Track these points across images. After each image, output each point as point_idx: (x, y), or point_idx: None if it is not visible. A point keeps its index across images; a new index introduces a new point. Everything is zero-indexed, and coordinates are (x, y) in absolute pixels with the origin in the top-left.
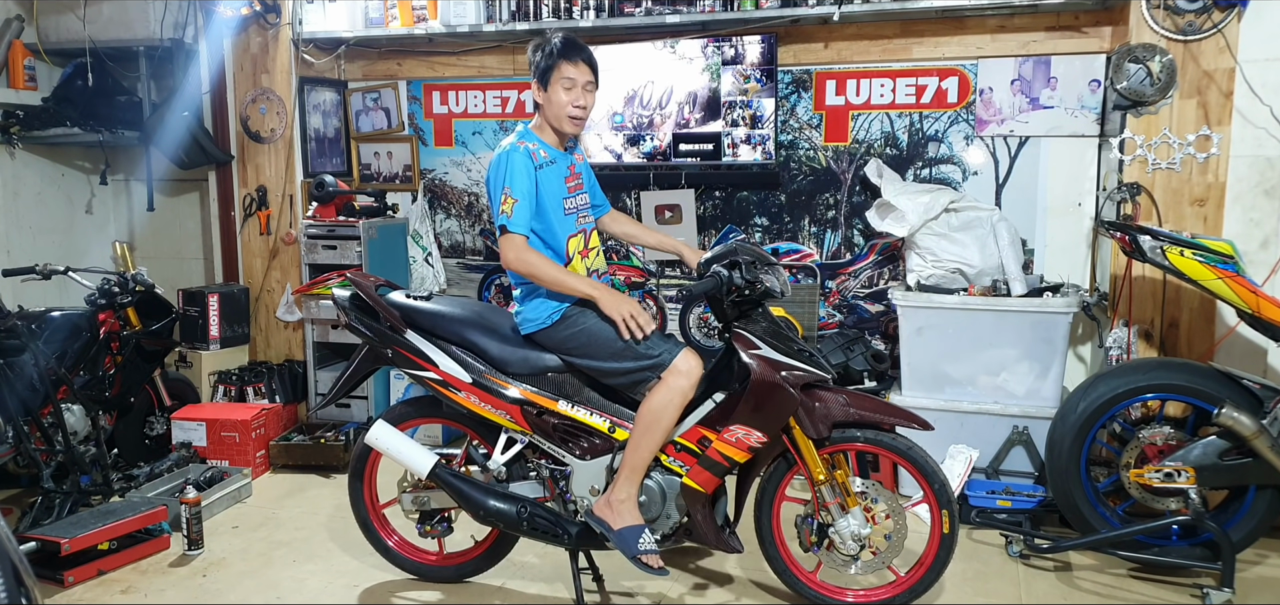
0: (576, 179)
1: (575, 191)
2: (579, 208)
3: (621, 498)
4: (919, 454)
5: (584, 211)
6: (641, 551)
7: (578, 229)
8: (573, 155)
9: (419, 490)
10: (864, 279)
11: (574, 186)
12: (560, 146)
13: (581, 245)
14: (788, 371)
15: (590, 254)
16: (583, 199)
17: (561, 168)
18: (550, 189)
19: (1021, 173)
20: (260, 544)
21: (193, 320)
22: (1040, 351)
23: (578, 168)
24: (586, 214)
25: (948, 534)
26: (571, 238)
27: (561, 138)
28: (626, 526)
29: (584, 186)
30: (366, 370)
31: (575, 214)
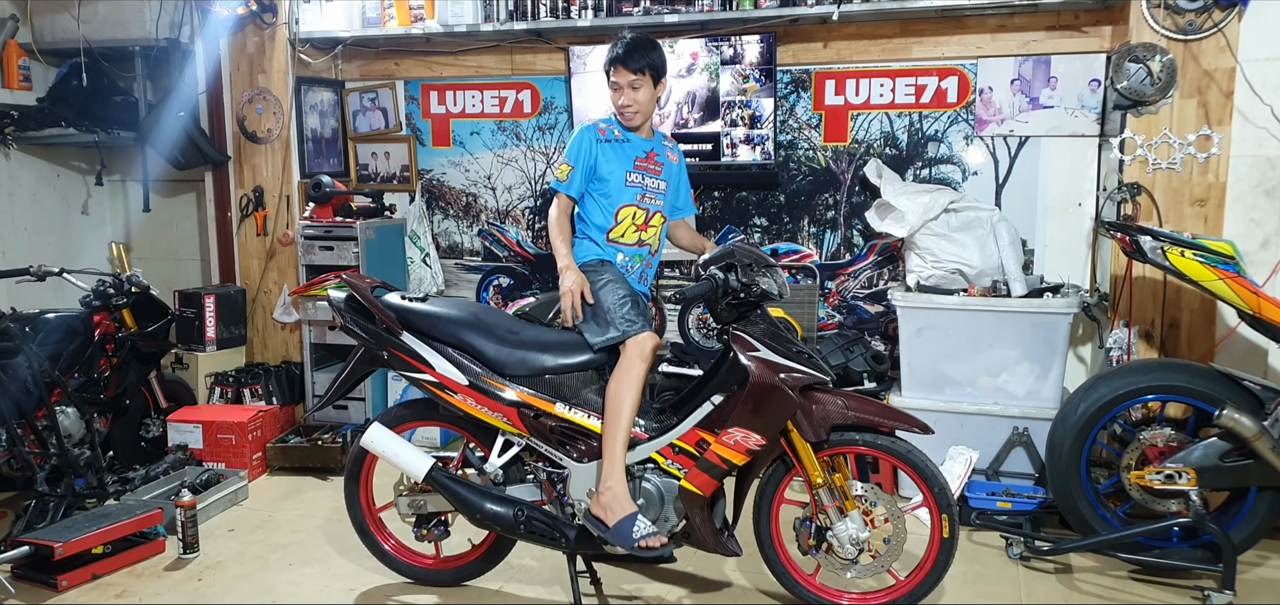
0: (654, 164)
1: (646, 172)
2: (647, 187)
3: (609, 486)
4: (918, 457)
5: (654, 194)
6: (639, 539)
7: (637, 203)
8: (661, 145)
9: (415, 494)
10: (863, 280)
11: (646, 168)
12: (640, 134)
13: (640, 220)
14: (786, 374)
15: (648, 231)
16: (655, 183)
17: (636, 148)
18: (614, 161)
19: (1021, 173)
20: (257, 547)
21: (189, 322)
22: (1040, 352)
23: (660, 157)
24: (657, 197)
25: (948, 538)
26: (625, 207)
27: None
28: (620, 519)
29: (663, 176)
30: (362, 373)
31: (639, 190)
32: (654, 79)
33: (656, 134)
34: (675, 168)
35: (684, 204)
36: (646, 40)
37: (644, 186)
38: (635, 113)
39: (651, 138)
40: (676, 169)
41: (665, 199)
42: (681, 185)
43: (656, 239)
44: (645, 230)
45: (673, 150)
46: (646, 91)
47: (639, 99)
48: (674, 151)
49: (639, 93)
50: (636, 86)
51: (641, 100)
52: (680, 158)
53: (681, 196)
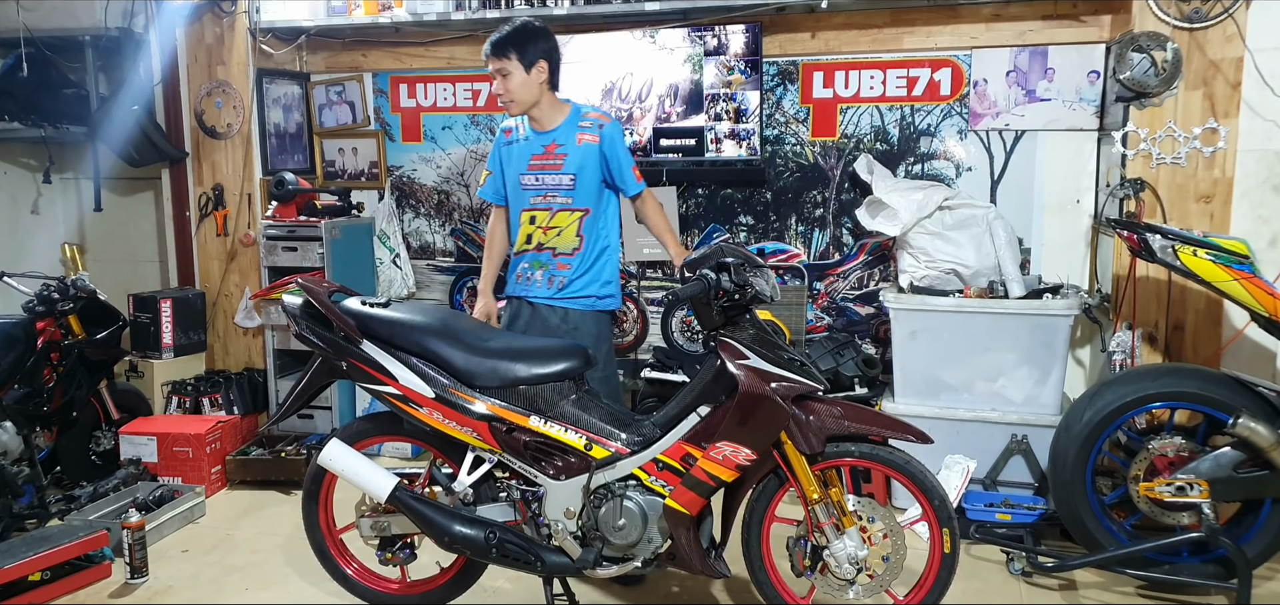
0: (553, 158)
1: (543, 169)
2: (545, 186)
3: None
4: (917, 469)
5: (555, 191)
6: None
7: (534, 205)
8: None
9: (378, 515)
10: (853, 280)
11: (543, 164)
12: (545, 127)
13: (542, 221)
14: (778, 383)
15: (550, 232)
16: (556, 178)
17: (532, 145)
18: (514, 163)
19: (1017, 168)
20: (211, 569)
21: (144, 327)
22: (1040, 356)
23: (565, 146)
24: (560, 193)
25: (949, 554)
26: (524, 211)
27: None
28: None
29: (567, 167)
30: (320, 384)
31: (534, 191)
32: (526, 65)
33: (571, 117)
34: (593, 149)
35: (623, 183)
36: (524, 26)
37: (541, 186)
38: (510, 102)
39: (558, 126)
40: (596, 150)
41: (577, 193)
42: (614, 162)
43: (572, 237)
44: (548, 231)
45: (591, 129)
46: (518, 78)
47: (510, 87)
48: (593, 131)
49: (510, 81)
50: (506, 73)
51: (513, 88)
52: (605, 134)
53: (617, 174)
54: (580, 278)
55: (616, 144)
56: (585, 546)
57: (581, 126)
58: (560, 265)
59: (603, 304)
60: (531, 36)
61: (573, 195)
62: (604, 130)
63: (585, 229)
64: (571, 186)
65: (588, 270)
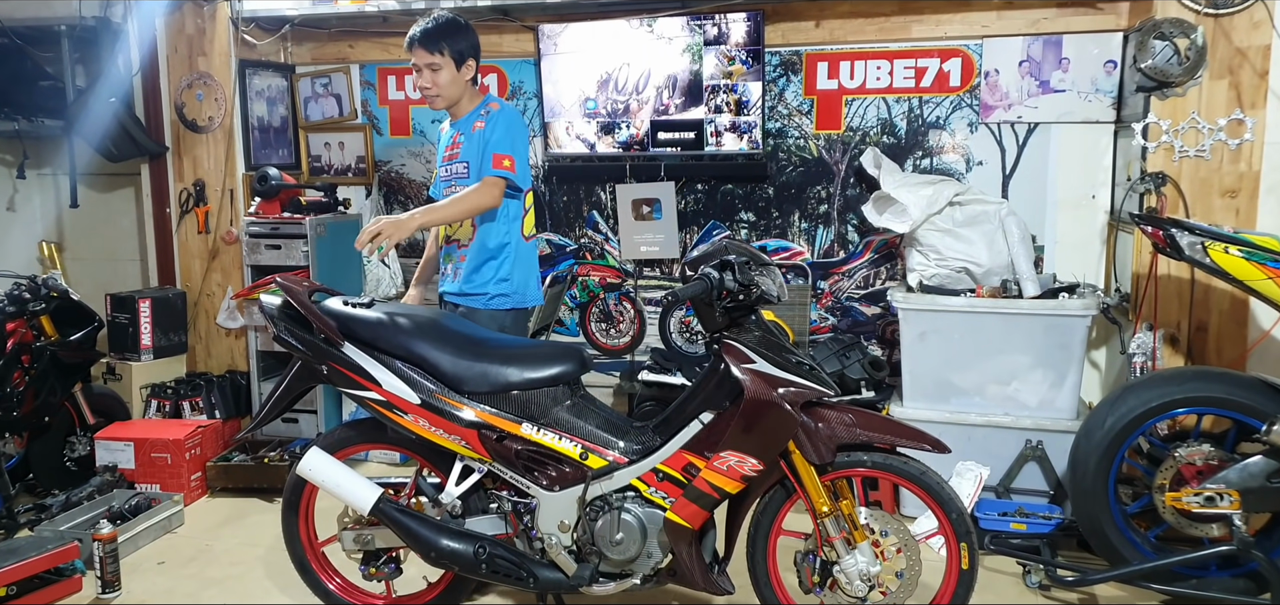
0: (457, 148)
1: (452, 160)
2: (451, 176)
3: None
4: (934, 480)
5: (459, 181)
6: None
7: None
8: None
9: (362, 527)
10: (859, 279)
11: (452, 156)
12: (457, 118)
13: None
14: (786, 388)
15: (455, 223)
16: (458, 168)
17: (445, 139)
18: (438, 157)
19: (1030, 163)
20: (188, 583)
21: (122, 328)
22: (1056, 358)
23: (465, 135)
24: (457, 184)
25: (966, 570)
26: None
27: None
28: None
29: (463, 155)
30: (299, 389)
31: (446, 181)
32: (457, 61)
33: (477, 106)
34: (480, 135)
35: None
36: (452, 21)
37: (449, 176)
38: (436, 97)
39: (465, 116)
40: (482, 135)
41: (470, 182)
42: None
43: (468, 228)
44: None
45: (484, 116)
46: (448, 74)
47: (440, 82)
48: (484, 117)
49: (439, 75)
50: (436, 69)
51: (443, 84)
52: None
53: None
54: (475, 271)
55: (496, 123)
56: (581, 562)
57: (480, 114)
58: (460, 256)
59: (496, 303)
60: (461, 32)
61: (466, 184)
62: (491, 115)
63: (480, 221)
64: (465, 175)
65: (483, 264)
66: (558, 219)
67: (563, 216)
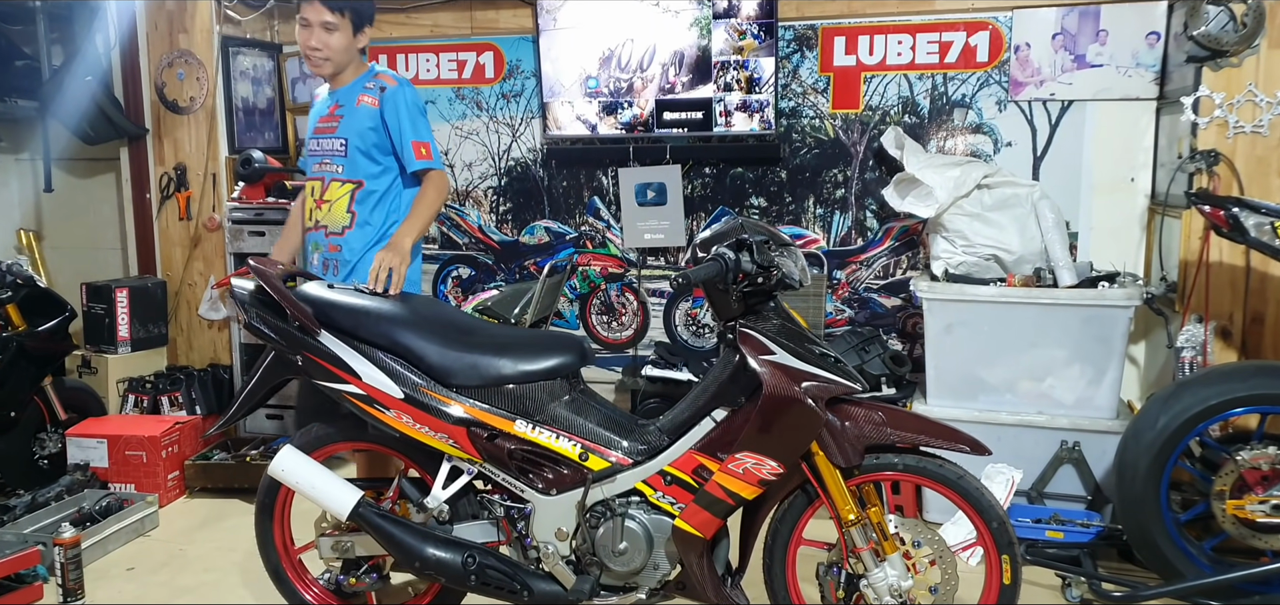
0: (332, 121)
1: (322, 133)
2: (323, 151)
3: None
4: (972, 485)
5: (330, 157)
6: None
7: (313, 174)
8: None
9: (341, 533)
10: (878, 268)
11: (324, 128)
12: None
13: (316, 193)
14: (809, 382)
15: (324, 206)
16: (331, 143)
17: (320, 107)
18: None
19: (1063, 143)
20: (158, 591)
21: (98, 319)
22: (1094, 353)
23: (345, 107)
24: (334, 160)
25: (1008, 585)
26: (309, 181)
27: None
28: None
29: (340, 131)
30: (273, 382)
31: (317, 156)
32: (355, 26)
33: (362, 76)
34: (371, 113)
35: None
36: None
37: (319, 151)
38: (325, 60)
39: (347, 85)
40: (375, 114)
41: (348, 161)
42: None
43: (341, 214)
44: (320, 205)
45: (373, 90)
46: (344, 39)
47: (331, 43)
48: (374, 92)
49: (332, 36)
50: (331, 29)
51: (335, 46)
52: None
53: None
54: (354, 268)
55: (398, 107)
56: (580, 573)
57: (366, 87)
58: (331, 247)
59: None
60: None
61: (344, 162)
62: (387, 92)
63: (357, 204)
64: (342, 154)
65: (360, 259)
66: (557, 205)
67: (562, 203)
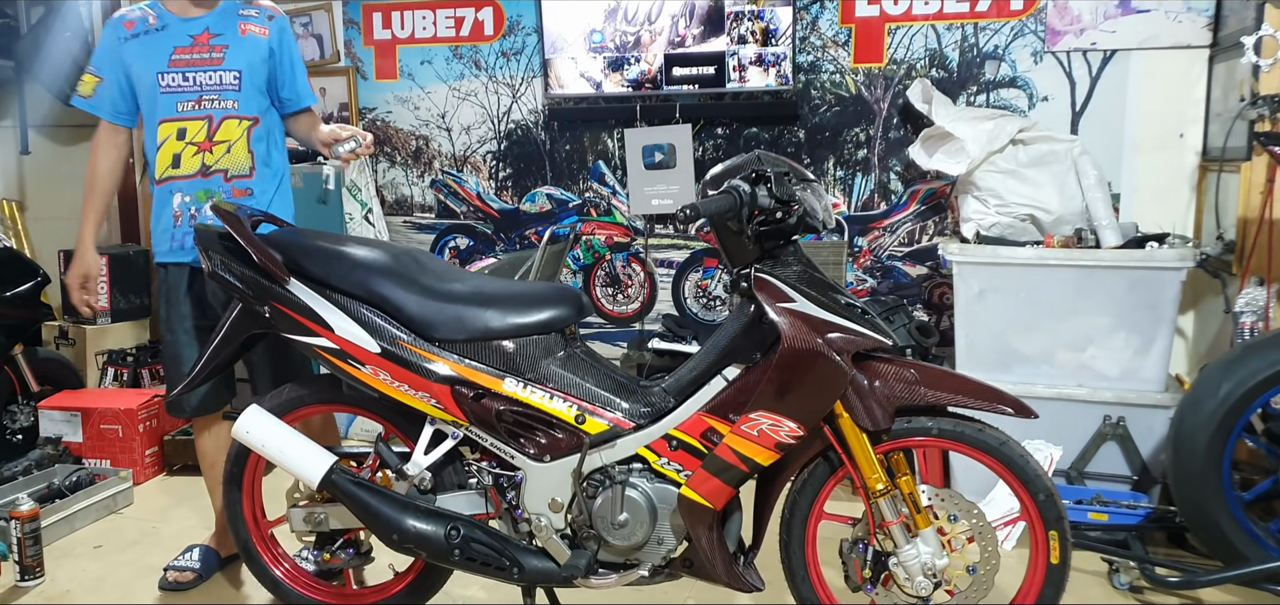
0: (208, 51)
1: (192, 65)
2: (198, 87)
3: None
4: (1016, 452)
5: (214, 94)
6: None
7: (183, 114)
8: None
9: (314, 504)
10: (902, 234)
11: (191, 58)
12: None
13: (198, 136)
14: (835, 334)
15: (217, 149)
16: (212, 76)
17: (175, 36)
18: (145, 60)
19: (1105, 97)
20: (124, 570)
21: None
22: (1141, 320)
23: (225, 36)
24: (222, 96)
25: (1056, 565)
26: (167, 123)
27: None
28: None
29: (227, 63)
30: (238, 339)
31: (183, 92)
32: None
33: (229, 3)
34: (261, 43)
35: (295, 93)
36: None
37: (193, 86)
38: None
39: (211, 12)
40: (265, 45)
41: (243, 95)
42: (285, 65)
43: (243, 154)
44: (215, 147)
45: (258, 19)
46: None
47: None
48: (260, 22)
49: None
50: None
51: None
52: (276, 27)
53: (289, 83)
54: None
55: (289, 39)
56: (576, 548)
57: (244, 15)
58: (237, 191)
59: None
60: None
61: (239, 98)
62: (275, 22)
63: (255, 144)
64: (236, 87)
65: (271, 203)
66: (559, 171)
67: (565, 168)
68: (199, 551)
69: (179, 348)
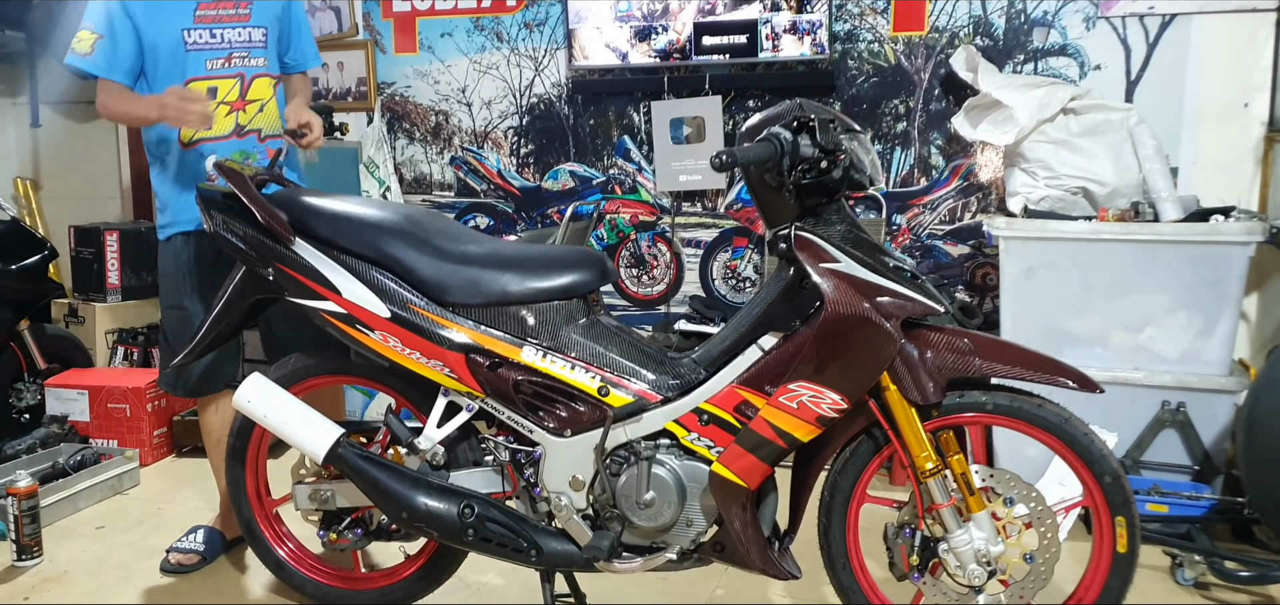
0: (234, 6)
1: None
2: (230, 43)
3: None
4: (1079, 429)
5: (244, 50)
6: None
7: (212, 71)
8: None
9: (320, 481)
10: (943, 212)
11: (220, 11)
12: None
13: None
14: (884, 298)
15: (250, 108)
16: (241, 33)
17: None
18: (163, 16)
19: (1162, 65)
20: (126, 551)
21: (86, 264)
22: (1204, 299)
23: None
24: (251, 53)
25: (1124, 554)
26: (193, 81)
27: None
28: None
29: (254, 18)
30: (242, 305)
31: (219, 49)
32: None
33: None
34: (273, 4)
35: (301, 53)
36: None
37: (222, 43)
38: None
39: None
40: (280, 3)
41: (269, 52)
42: (293, 25)
43: (274, 116)
44: (243, 108)
45: None
46: None
47: None
48: None
49: None
50: None
51: None
52: None
53: (296, 43)
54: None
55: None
56: (598, 529)
57: None
58: (270, 151)
59: None
60: None
61: (266, 54)
62: None
63: (280, 103)
64: (263, 44)
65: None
66: (583, 147)
67: (588, 144)
68: (203, 533)
69: (191, 320)
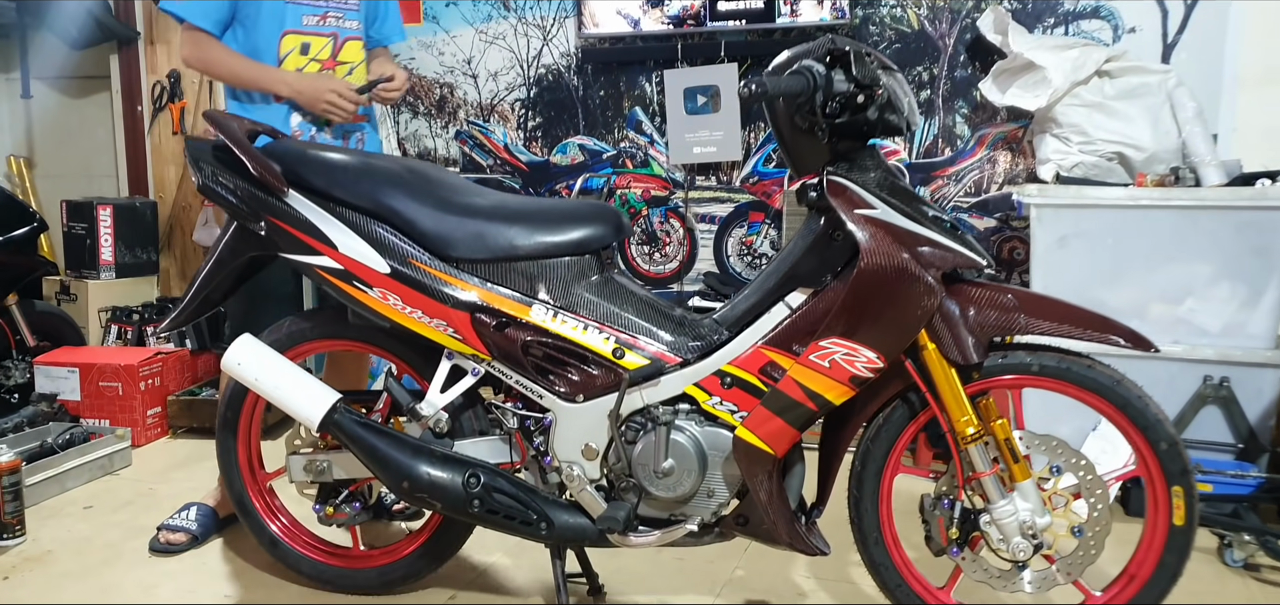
0: None
1: None
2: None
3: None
4: (1133, 392)
5: (339, 11)
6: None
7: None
8: None
9: (316, 451)
10: (969, 183)
11: None
12: None
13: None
14: (924, 248)
15: (338, 68)
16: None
17: None
18: None
19: (1201, 27)
20: (113, 532)
21: (79, 240)
22: (1249, 268)
23: None
24: (346, 15)
25: (1181, 527)
26: (290, 36)
27: None
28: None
29: None
30: (236, 262)
31: (305, 6)
32: None
33: None
34: None
35: (389, 28)
36: None
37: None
38: None
39: None
40: None
41: (362, 17)
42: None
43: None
44: (334, 68)
45: None
46: None
47: None
48: None
49: None
50: None
51: None
52: None
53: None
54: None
55: None
56: (613, 500)
57: None
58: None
59: None
60: None
61: (359, 18)
62: None
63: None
64: (356, 8)
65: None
66: (593, 120)
67: (599, 116)
68: (196, 511)
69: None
